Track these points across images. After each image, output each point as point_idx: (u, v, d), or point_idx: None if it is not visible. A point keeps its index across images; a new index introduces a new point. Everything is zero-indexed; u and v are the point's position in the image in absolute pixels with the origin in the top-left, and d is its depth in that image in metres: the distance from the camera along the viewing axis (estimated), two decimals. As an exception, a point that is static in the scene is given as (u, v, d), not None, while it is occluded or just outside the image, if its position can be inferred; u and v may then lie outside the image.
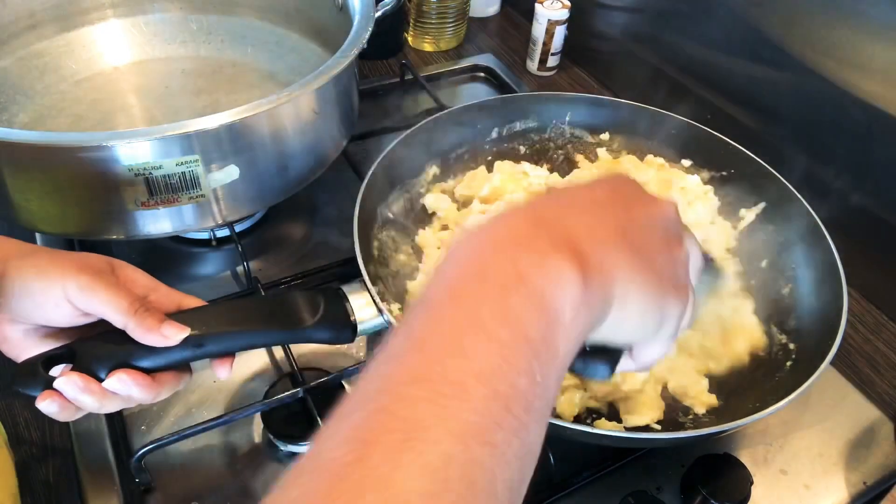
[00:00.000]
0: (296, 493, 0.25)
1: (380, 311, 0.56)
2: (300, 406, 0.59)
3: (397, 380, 0.27)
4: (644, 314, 0.34)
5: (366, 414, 0.26)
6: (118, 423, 0.60)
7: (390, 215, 0.71)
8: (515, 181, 0.75)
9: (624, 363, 0.39)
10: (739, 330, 0.64)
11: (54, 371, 0.44)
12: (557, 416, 0.57)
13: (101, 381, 0.43)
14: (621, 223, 0.34)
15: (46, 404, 0.42)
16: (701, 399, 0.59)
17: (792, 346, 0.62)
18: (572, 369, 0.35)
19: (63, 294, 0.42)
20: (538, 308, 0.29)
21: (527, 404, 0.28)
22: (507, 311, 0.28)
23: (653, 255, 0.34)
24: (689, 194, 0.75)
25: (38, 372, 0.44)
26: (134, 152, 0.56)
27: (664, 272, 0.35)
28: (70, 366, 0.44)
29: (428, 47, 1.12)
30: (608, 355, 0.38)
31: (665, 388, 0.61)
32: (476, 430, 0.26)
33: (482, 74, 1.07)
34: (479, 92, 1.04)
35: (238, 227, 0.75)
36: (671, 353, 0.39)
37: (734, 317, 0.64)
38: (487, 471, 0.25)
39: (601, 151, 0.81)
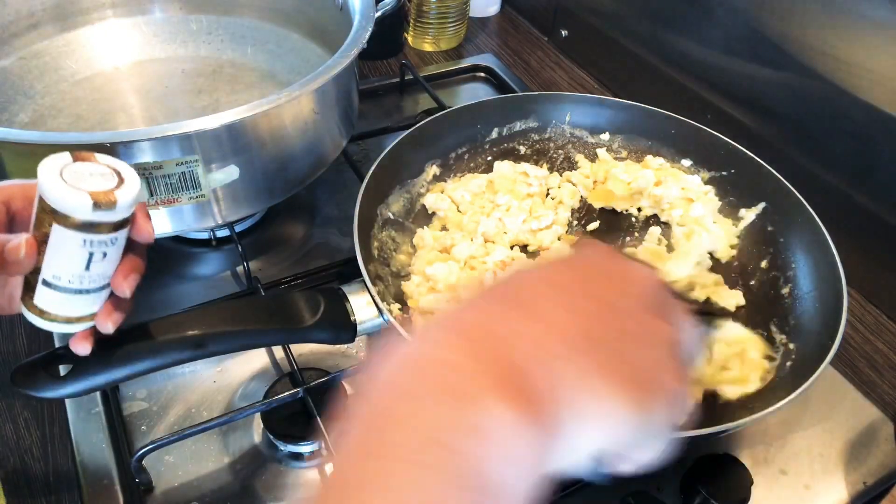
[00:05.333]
0: None
1: (380, 311, 0.56)
2: (300, 406, 0.59)
3: None
4: (615, 424, 0.29)
5: None
6: (118, 423, 0.59)
7: (390, 215, 0.71)
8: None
9: (619, 465, 0.33)
10: (746, 343, 0.63)
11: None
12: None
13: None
14: (584, 315, 0.29)
15: None
16: None
17: (792, 346, 0.62)
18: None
19: None
20: (468, 489, 0.24)
21: None
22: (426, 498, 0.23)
23: (626, 346, 0.29)
24: (689, 194, 0.76)
25: (37, 373, 0.44)
26: (134, 152, 0.56)
27: (642, 364, 0.29)
28: (71, 366, 0.44)
29: (428, 47, 1.12)
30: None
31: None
32: None
33: (482, 74, 1.07)
34: (479, 92, 1.04)
35: (238, 227, 0.75)
36: (666, 445, 0.32)
37: (730, 335, 0.63)
38: None
39: (601, 151, 0.81)
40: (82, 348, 0.44)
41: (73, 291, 0.41)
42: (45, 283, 0.40)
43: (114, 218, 0.39)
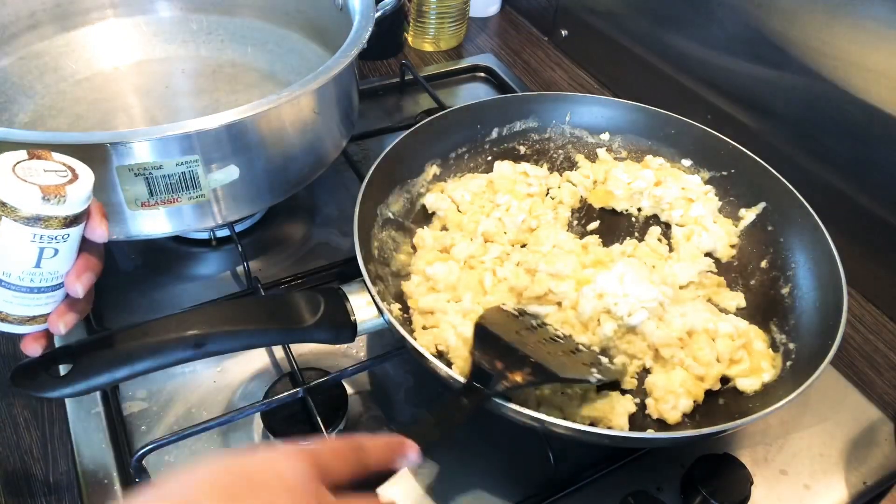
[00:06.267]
0: None
1: (380, 310, 0.56)
2: (300, 406, 0.59)
3: None
4: None
5: None
6: (118, 423, 0.59)
7: (390, 215, 0.71)
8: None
9: None
10: (749, 334, 0.63)
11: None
12: (567, 418, 0.57)
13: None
14: None
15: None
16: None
17: (792, 346, 0.62)
18: None
19: None
20: None
21: None
22: None
23: None
24: (689, 194, 0.76)
25: (37, 373, 0.44)
26: (134, 152, 0.56)
27: None
28: (71, 366, 0.45)
29: (428, 47, 1.12)
30: None
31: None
32: None
33: (482, 74, 1.07)
34: (479, 92, 1.04)
35: (238, 227, 0.75)
36: None
37: (731, 329, 0.63)
38: None
39: (601, 151, 0.81)
40: (32, 350, 0.43)
41: (25, 290, 0.40)
42: None
43: (64, 213, 0.39)
